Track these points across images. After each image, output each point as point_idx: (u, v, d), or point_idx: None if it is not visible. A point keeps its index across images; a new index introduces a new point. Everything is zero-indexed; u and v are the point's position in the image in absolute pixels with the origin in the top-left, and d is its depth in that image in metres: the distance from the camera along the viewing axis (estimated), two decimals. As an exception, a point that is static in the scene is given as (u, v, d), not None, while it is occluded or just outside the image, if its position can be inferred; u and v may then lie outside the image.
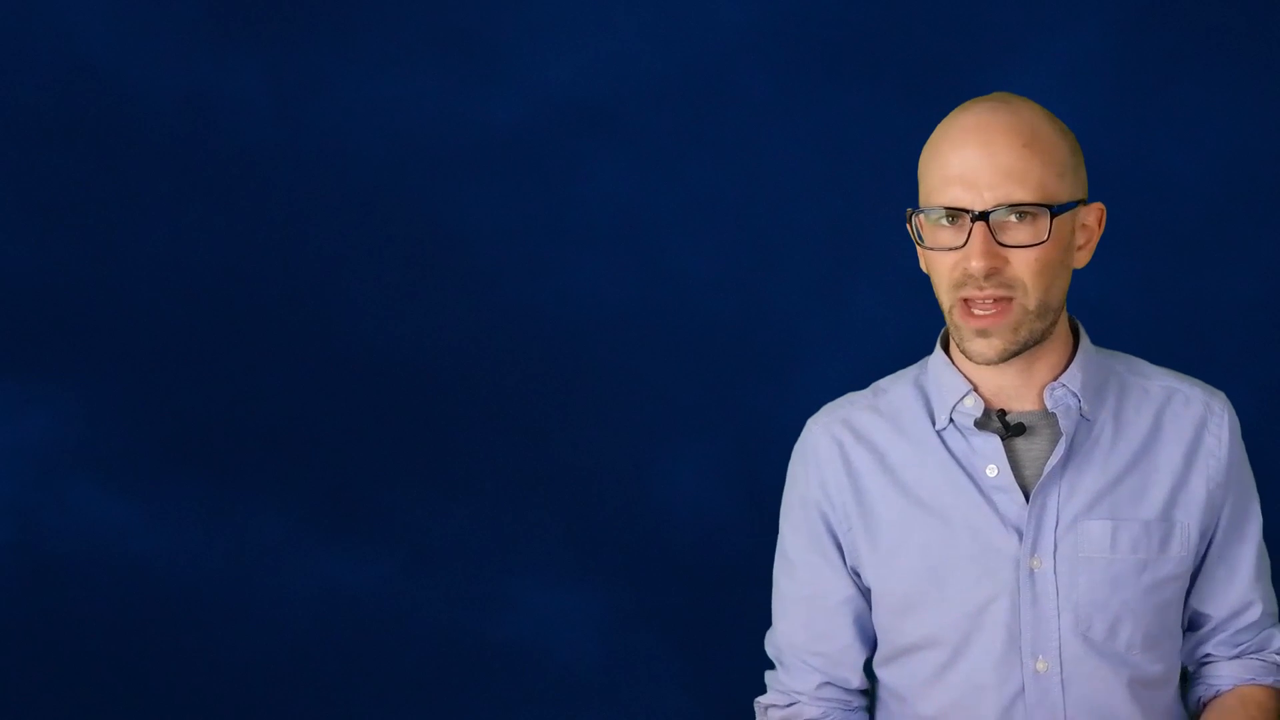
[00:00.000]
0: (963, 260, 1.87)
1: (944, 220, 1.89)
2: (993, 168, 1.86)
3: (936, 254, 1.89)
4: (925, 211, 1.89)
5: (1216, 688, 2.02)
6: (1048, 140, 1.89)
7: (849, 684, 2.05)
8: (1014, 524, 1.93)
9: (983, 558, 1.93)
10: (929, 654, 1.96)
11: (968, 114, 1.91)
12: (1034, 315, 1.89)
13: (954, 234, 1.88)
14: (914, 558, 1.96)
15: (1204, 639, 2.03)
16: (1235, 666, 2.03)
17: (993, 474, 1.93)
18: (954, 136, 1.89)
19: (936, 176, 1.89)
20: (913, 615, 1.96)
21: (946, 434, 1.98)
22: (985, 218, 1.85)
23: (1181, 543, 1.95)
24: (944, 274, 1.89)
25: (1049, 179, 1.87)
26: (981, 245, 1.85)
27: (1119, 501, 1.94)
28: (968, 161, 1.87)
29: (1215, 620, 2.01)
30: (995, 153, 1.86)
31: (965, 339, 1.90)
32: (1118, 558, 1.93)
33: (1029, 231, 1.87)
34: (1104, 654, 1.93)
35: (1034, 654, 1.92)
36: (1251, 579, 2.01)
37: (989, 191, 1.86)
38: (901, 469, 1.99)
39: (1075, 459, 1.94)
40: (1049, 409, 1.94)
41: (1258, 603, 2.01)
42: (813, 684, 2.05)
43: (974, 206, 1.85)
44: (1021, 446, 1.95)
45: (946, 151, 1.89)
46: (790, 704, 2.06)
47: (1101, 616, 1.92)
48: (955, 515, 1.95)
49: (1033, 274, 1.87)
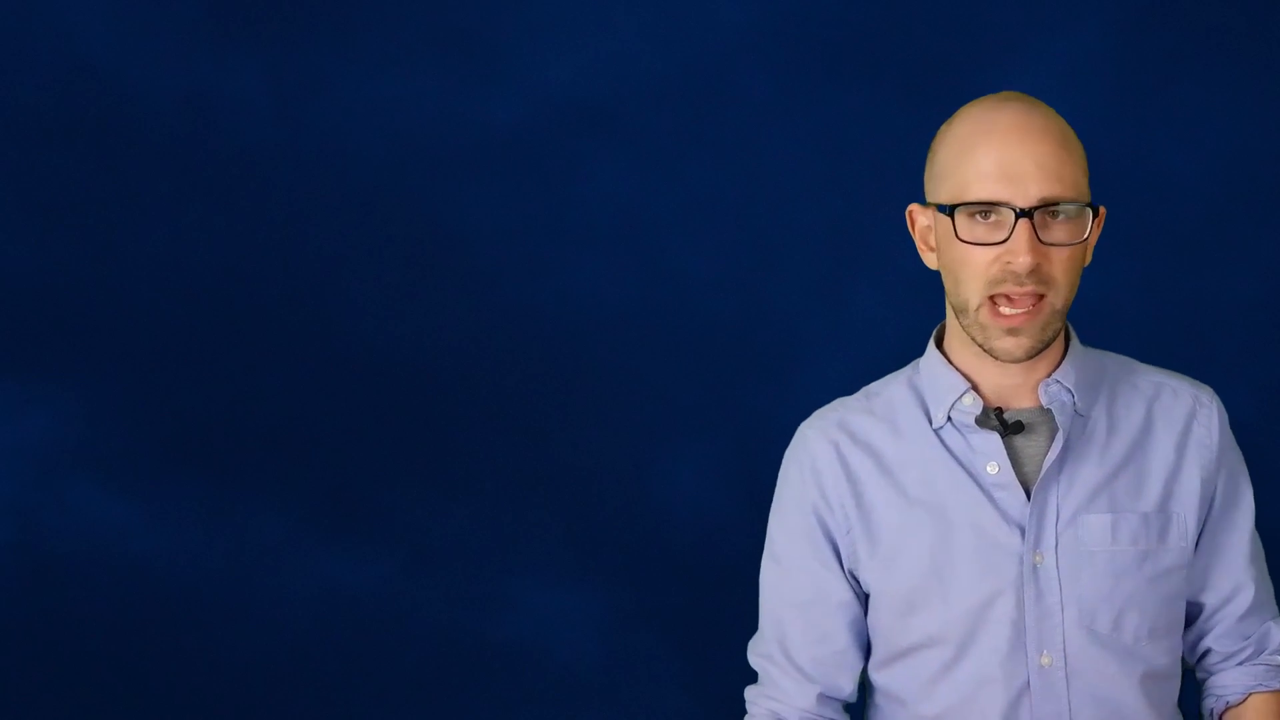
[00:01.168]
0: (1005, 255, 1.86)
1: (978, 216, 1.88)
2: (1035, 165, 1.86)
3: (971, 249, 1.88)
4: (959, 207, 1.88)
5: (1226, 699, 2.03)
6: (1074, 141, 1.91)
7: (842, 692, 2.04)
8: (1016, 520, 1.93)
9: (985, 555, 1.93)
10: (932, 653, 1.96)
11: (1000, 110, 1.90)
12: (1059, 314, 1.90)
13: (990, 230, 1.87)
14: (917, 557, 1.96)
15: (1202, 631, 2.04)
16: (1241, 674, 2.03)
17: (994, 471, 1.94)
18: (989, 132, 1.89)
19: (970, 172, 1.88)
20: (916, 615, 1.97)
21: (944, 433, 1.98)
22: (1030, 214, 1.85)
23: (1179, 533, 1.96)
24: (978, 269, 1.88)
25: (1080, 178, 1.89)
26: (1029, 242, 1.85)
27: (1117, 494, 1.95)
28: (1008, 157, 1.86)
29: (1210, 607, 2.02)
30: (1037, 150, 1.86)
31: (992, 338, 1.90)
32: (1119, 550, 1.93)
33: (1067, 230, 1.87)
34: (1109, 647, 1.93)
35: (1039, 649, 1.93)
36: (1244, 564, 2.02)
37: (1034, 187, 1.85)
38: (900, 469, 1.99)
39: (1072, 454, 1.94)
40: (1044, 405, 1.95)
41: (1249, 585, 2.01)
42: (808, 696, 2.03)
43: (1017, 202, 1.85)
44: (1019, 444, 1.95)
45: (982, 147, 1.88)
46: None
47: (1106, 609, 1.93)
48: (957, 513, 1.95)
49: (1064, 272, 1.88)
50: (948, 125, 1.94)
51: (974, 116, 1.91)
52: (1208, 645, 2.04)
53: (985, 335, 1.91)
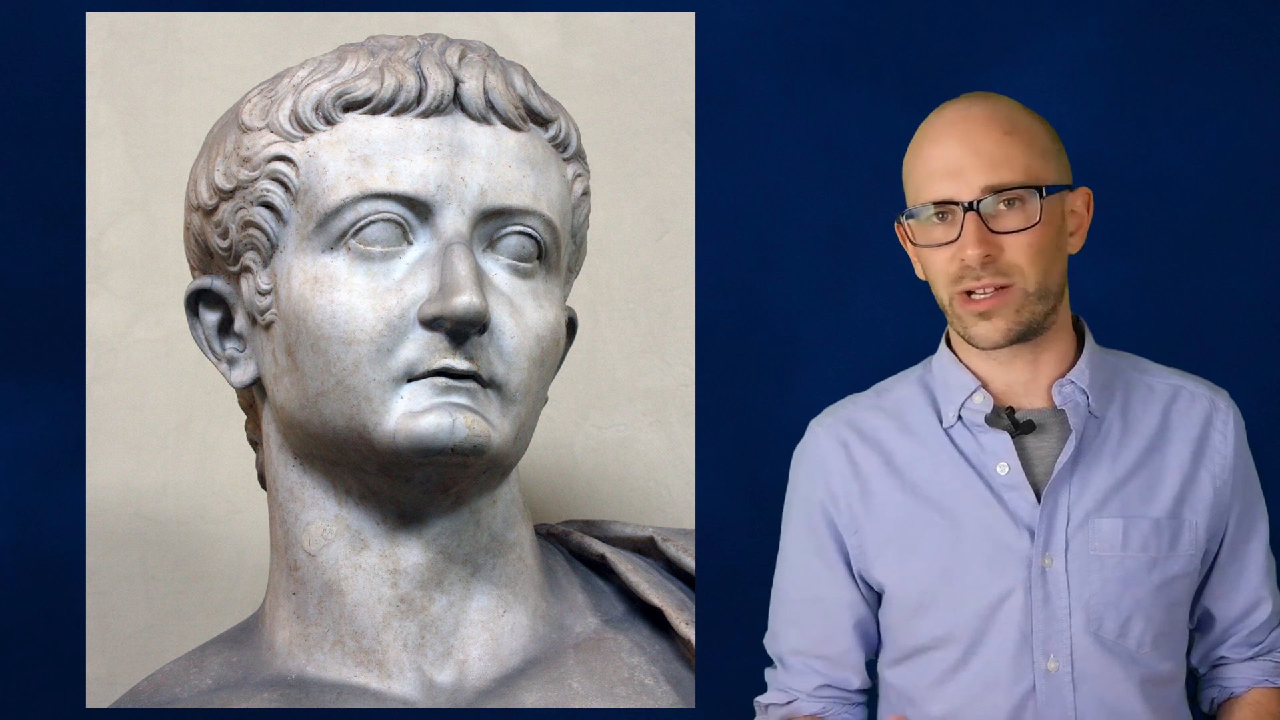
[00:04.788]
0: (958, 252, 1.87)
1: (935, 218, 1.89)
2: (976, 156, 1.87)
3: (931, 251, 1.90)
4: (915, 212, 1.90)
5: (1230, 690, 2.03)
6: (1026, 126, 1.90)
7: (849, 685, 2.05)
8: (1025, 522, 1.93)
9: (995, 556, 1.93)
10: (940, 654, 1.97)
11: (944, 111, 1.93)
12: (1035, 298, 1.89)
13: (946, 229, 1.89)
14: (926, 558, 1.97)
15: (1217, 641, 2.04)
16: (1249, 668, 2.03)
17: (1004, 472, 1.94)
18: (933, 133, 1.91)
19: (920, 175, 1.90)
20: (925, 615, 1.97)
21: (954, 432, 1.98)
22: (975, 207, 1.85)
23: (1191, 540, 1.96)
24: (940, 270, 1.90)
25: (1033, 162, 1.89)
26: (975, 234, 1.86)
27: (1129, 499, 1.94)
28: (950, 154, 1.88)
29: (1228, 620, 2.02)
30: (976, 141, 1.87)
31: (968, 326, 1.91)
32: (1129, 556, 1.93)
33: (1020, 216, 1.88)
34: (1114, 652, 1.93)
35: (1045, 653, 1.93)
36: (1262, 578, 2.02)
37: (976, 178, 1.86)
38: (909, 468, 1.99)
39: (1085, 456, 1.94)
40: (1058, 406, 1.95)
41: (1268, 600, 2.02)
42: (813, 684, 2.05)
43: (961, 197, 1.86)
44: (1031, 444, 1.95)
45: (927, 149, 1.90)
46: (789, 701, 2.07)
47: (1113, 615, 1.93)
48: (966, 514, 1.95)
49: (1028, 258, 1.88)
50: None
51: (926, 122, 1.94)
52: (1222, 654, 2.04)
53: (964, 326, 1.92)
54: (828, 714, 2.05)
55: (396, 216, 1.91)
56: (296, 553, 1.99)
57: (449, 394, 1.88)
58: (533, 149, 1.98)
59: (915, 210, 1.89)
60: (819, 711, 2.05)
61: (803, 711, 2.06)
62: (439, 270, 1.88)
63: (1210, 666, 2.04)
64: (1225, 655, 2.03)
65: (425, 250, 1.91)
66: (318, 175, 1.93)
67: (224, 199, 1.98)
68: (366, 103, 1.94)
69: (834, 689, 2.04)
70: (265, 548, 2.10)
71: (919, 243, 1.89)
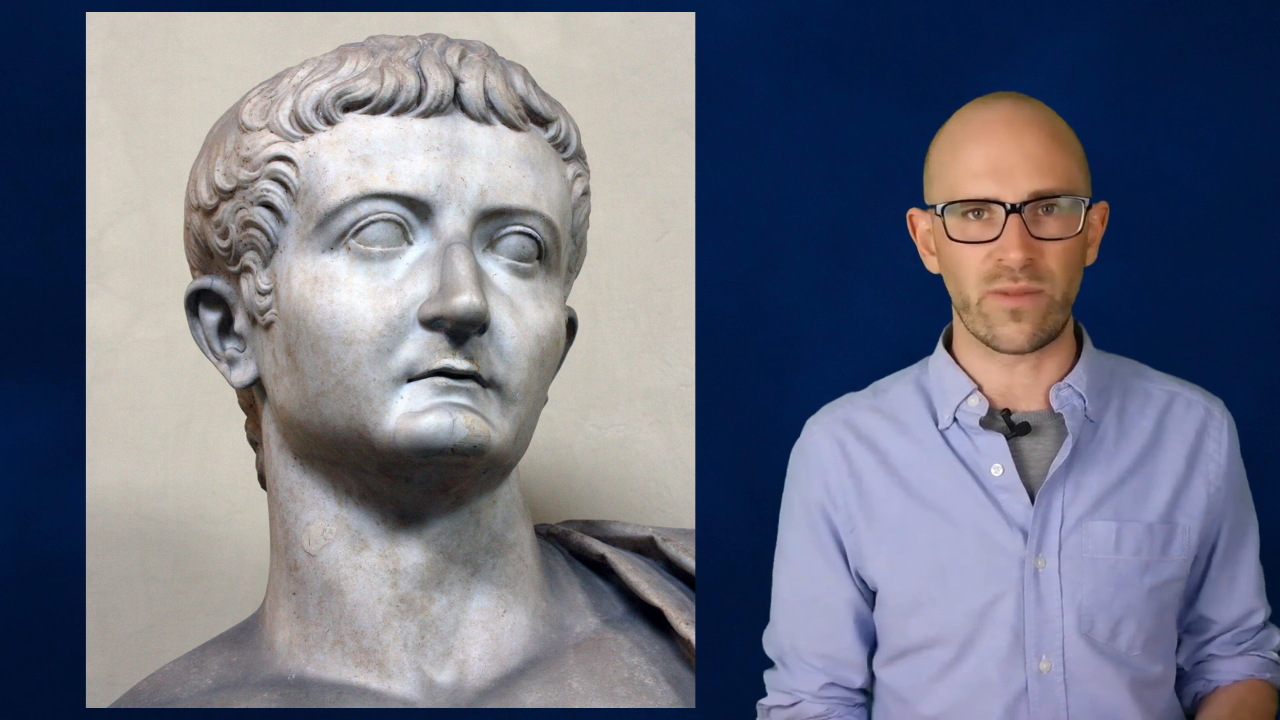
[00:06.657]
0: (997, 252, 1.86)
1: (970, 215, 1.88)
2: (1024, 159, 1.86)
3: (965, 248, 1.89)
4: (950, 206, 1.89)
5: (1216, 683, 2.03)
6: (1067, 135, 1.90)
7: (852, 683, 2.06)
8: (1019, 524, 1.93)
9: (988, 557, 1.93)
10: (933, 654, 1.97)
11: (990, 109, 1.91)
12: (1059, 306, 1.90)
13: (982, 227, 1.88)
14: (920, 558, 1.97)
15: (1207, 643, 2.04)
16: (1235, 663, 2.04)
17: (998, 473, 1.94)
18: (979, 130, 1.89)
19: (961, 170, 1.89)
20: (918, 615, 1.97)
21: (950, 433, 1.98)
22: (1020, 210, 1.85)
23: (1183, 545, 1.96)
24: (973, 267, 1.89)
25: (1074, 172, 1.89)
26: (1019, 238, 1.85)
27: (1123, 503, 1.94)
28: (998, 153, 1.87)
29: (1221, 625, 2.03)
30: (1025, 144, 1.86)
31: (996, 324, 1.89)
32: (1121, 559, 1.93)
33: (1060, 224, 1.87)
34: (1106, 654, 1.94)
35: (1038, 654, 1.93)
36: (1254, 588, 2.03)
37: (1024, 182, 1.86)
38: (904, 468, 1.99)
39: (1080, 460, 1.94)
40: (1055, 409, 1.95)
41: (1259, 610, 2.02)
42: (816, 684, 2.05)
43: (1006, 198, 1.85)
44: (1026, 446, 1.95)
45: (971, 145, 1.89)
46: (794, 703, 2.07)
47: (1104, 617, 1.93)
48: (960, 514, 1.95)
49: (1062, 266, 1.88)
50: (942, 128, 1.95)
51: (965, 116, 1.92)
52: (1210, 651, 2.05)
53: (989, 324, 1.90)
54: (832, 715, 2.05)
55: (396, 216, 1.91)
56: (296, 553, 1.99)
57: (449, 394, 1.88)
58: (533, 149, 1.98)
59: (952, 204, 1.86)
60: (824, 713, 2.05)
61: (807, 713, 2.06)
62: (439, 270, 1.89)
63: (1195, 663, 2.04)
64: (1213, 652, 2.04)
65: (425, 250, 1.91)
66: (318, 175, 1.93)
67: (224, 199, 1.98)
68: (366, 103, 1.95)
69: (838, 688, 2.04)
70: (265, 548, 2.10)
71: (955, 237, 1.87)
